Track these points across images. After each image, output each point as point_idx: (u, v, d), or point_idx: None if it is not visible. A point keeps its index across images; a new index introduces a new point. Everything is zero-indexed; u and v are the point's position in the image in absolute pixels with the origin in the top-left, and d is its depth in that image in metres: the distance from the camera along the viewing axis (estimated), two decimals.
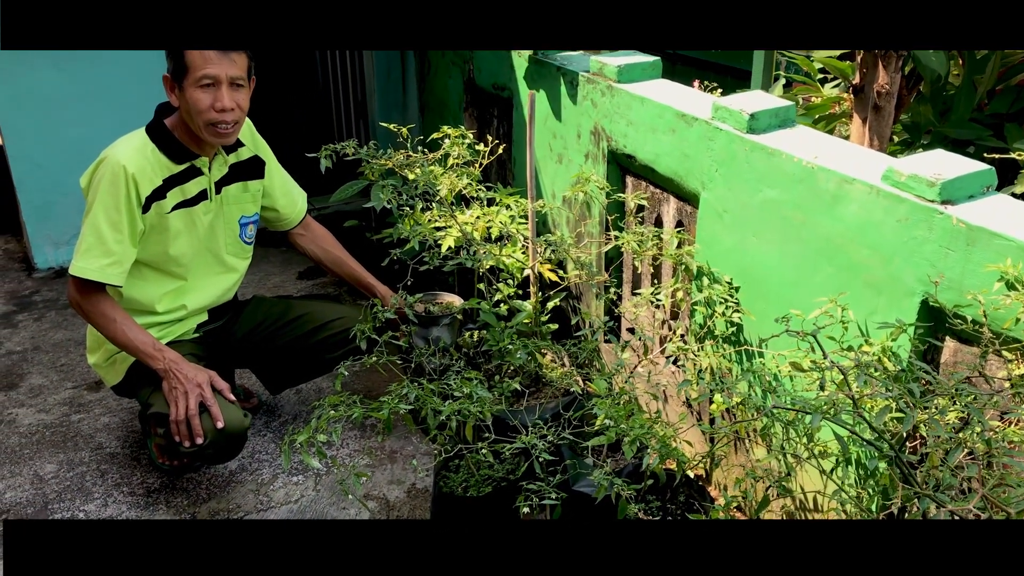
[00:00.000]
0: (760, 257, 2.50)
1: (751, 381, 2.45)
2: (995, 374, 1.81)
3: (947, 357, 2.07)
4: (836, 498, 1.99)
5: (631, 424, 2.13)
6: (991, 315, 1.83)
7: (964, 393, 1.43)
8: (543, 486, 2.14)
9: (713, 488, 2.90)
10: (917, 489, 1.45)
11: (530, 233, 2.83)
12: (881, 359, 1.72)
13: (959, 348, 2.05)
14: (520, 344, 2.57)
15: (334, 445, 3.13)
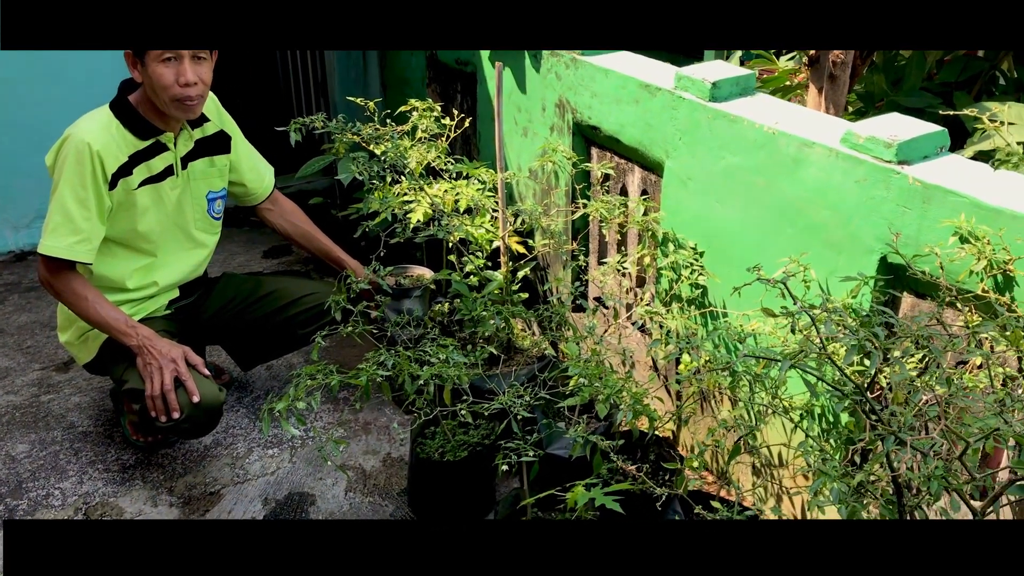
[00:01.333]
0: (724, 222, 2.58)
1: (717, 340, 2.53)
2: (951, 324, 1.90)
3: (905, 311, 2.17)
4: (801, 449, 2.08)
5: (604, 383, 2.20)
6: (947, 267, 1.92)
7: (924, 336, 1.51)
8: (520, 444, 2.19)
9: (681, 449, 2.98)
10: (880, 430, 1.53)
11: (500, 203, 2.87)
12: (844, 311, 1.80)
13: (916, 303, 2.14)
14: (494, 310, 2.63)
15: (309, 417, 3.17)
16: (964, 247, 1.88)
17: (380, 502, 2.84)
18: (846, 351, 1.47)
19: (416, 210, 2.94)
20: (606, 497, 2.05)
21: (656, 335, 2.79)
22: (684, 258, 2.63)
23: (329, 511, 2.80)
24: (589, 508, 2.34)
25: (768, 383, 2.17)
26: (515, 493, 2.47)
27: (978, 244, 1.86)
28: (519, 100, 3.36)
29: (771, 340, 2.31)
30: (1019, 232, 1.84)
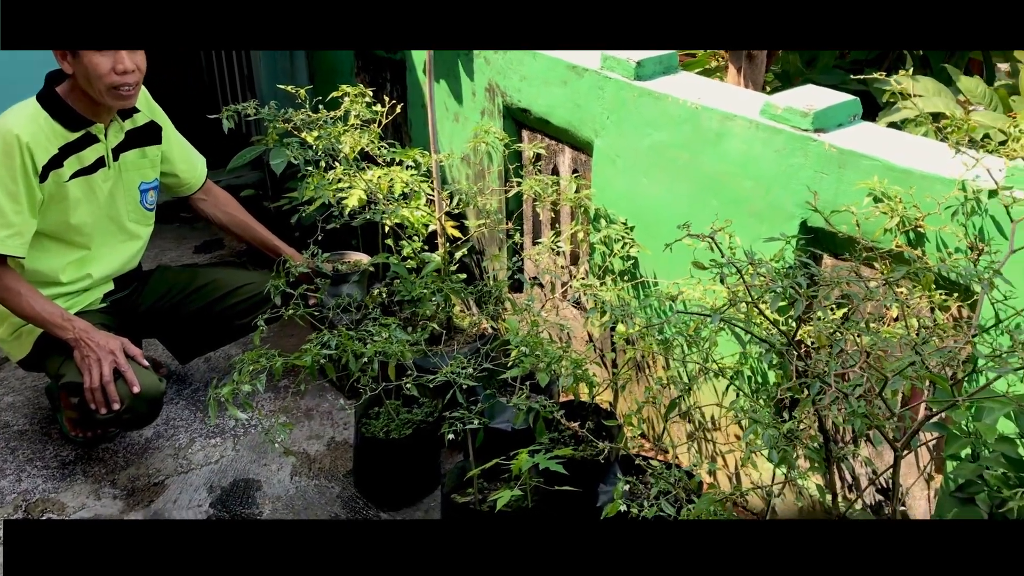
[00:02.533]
0: (652, 196, 2.67)
1: (649, 310, 2.62)
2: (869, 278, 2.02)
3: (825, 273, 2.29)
4: (733, 408, 2.18)
5: (543, 352, 2.27)
6: (862, 225, 2.04)
7: (843, 283, 1.61)
8: (464, 414, 2.25)
9: (620, 418, 3.08)
10: (807, 378, 1.64)
11: (435, 185, 2.92)
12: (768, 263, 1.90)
13: (835, 264, 2.27)
14: (435, 287, 2.68)
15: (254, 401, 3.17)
16: (877, 206, 2.00)
17: (326, 484, 2.87)
18: (771, 298, 1.56)
19: (351, 196, 2.97)
20: (549, 461, 2.13)
21: (594, 319, 2.88)
22: (615, 232, 2.72)
23: (275, 495, 2.82)
24: (533, 475, 2.41)
25: (700, 344, 2.27)
26: (461, 465, 2.53)
27: (890, 203, 1.98)
28: (449, 86, 3.41)
29: (700, 305, 2.41)
30: (928, 190, 1.96)
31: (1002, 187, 1.82)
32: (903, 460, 2.25)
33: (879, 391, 1.56)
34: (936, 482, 2.24)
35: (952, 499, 1.93)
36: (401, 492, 2.80)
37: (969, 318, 1.92)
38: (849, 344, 1.77)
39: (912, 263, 1.78)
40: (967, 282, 1.79)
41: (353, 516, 2.74)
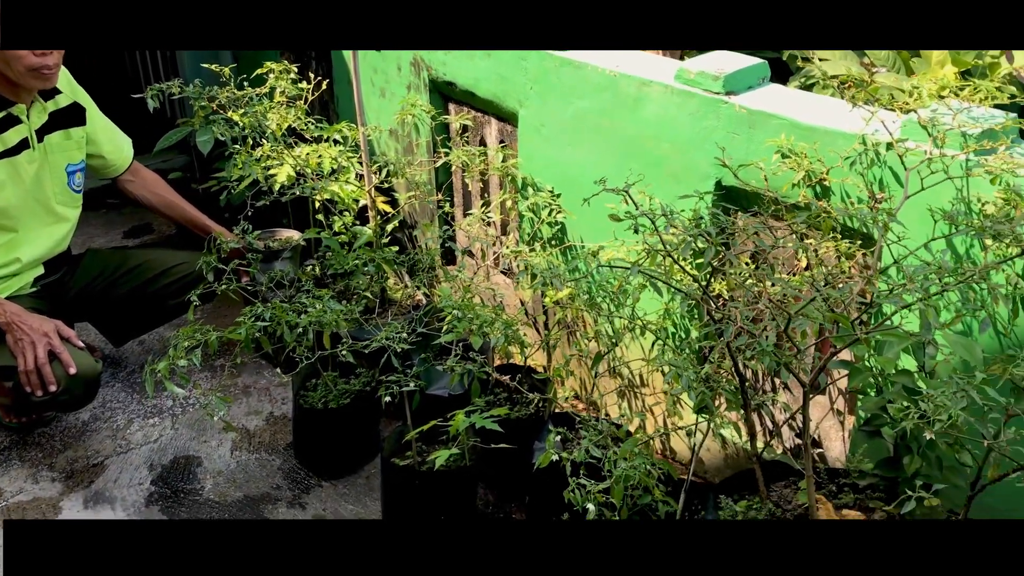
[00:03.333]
0: (576, 163, 2.75)
1: (577, 272, 2.71)
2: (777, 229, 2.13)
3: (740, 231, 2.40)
4: (659, 361, 2.28)
5: (475, 315, 2.34)
6: (771, 180, 2.15)
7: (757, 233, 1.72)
8: (401, 377, 2.31)
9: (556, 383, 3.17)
10: (721, 322, 1.74)
11: (364, 159, 2.96)
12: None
13: (749, 222, 2.38)
14: (366, 257, 2.73)
15: (188, 384, 3.19)
16: (785, 162, 2.11)
17: (267, 457, 2.91)
18: (684, 247, 1.65)
19: (279, 172, 2.99)
20: (485, 420, 2.20)
21: (524, 281, 2.95)
22: (542, 200, 2.80)
23: (216, 470, 2.85)
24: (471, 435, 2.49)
25: (624, 299, 2.36)
26: (399, 430, 2.59)
27: (796, 159, 2.09)
28: (375, 61, 3.44)
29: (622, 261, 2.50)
30: (831, 145, 2.08)
31: (897, 140, 1.94)
32: (821, 405, 2.39)
33: (783, 328, 1.66)
34: (850, 423, 2.38)
35: (861, 433, 2.07)
36: (341, 460, 2.85)
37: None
38: (760, 291, 1.87)
39: (813, 211, 1.88)
40: (862, 224, 1.91)
41: (294, 486, 2.79)
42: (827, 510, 2.06)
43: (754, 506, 2.11)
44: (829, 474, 2.19)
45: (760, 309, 1.83)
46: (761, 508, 2.08)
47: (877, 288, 1.79)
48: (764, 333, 1.74)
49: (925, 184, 1.83)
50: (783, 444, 2.55)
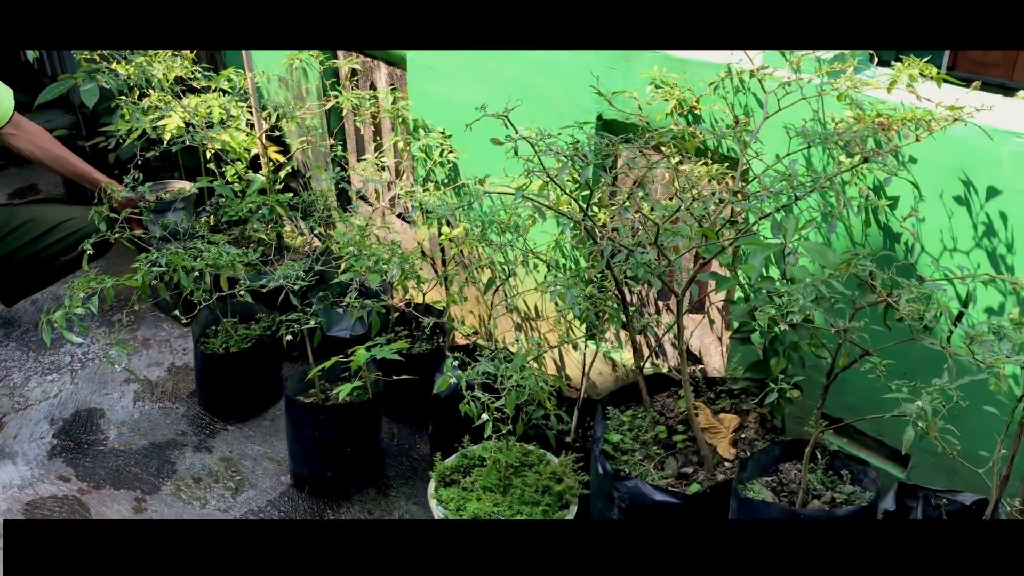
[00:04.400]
0: (465, 104, 2.82)
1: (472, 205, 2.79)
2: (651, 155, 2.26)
3: (621, 163, 2.53)
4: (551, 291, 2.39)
5: (372, 252, 2.40)
6: (646, 110, 2.27)
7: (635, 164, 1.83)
8: (301, 316, 2.37)
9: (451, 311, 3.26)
10: (602, 242, 1.85)
11: (253, 106, 2.97)
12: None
13: (629, 155, 2.50)
14: (260, 202, 2.75)
15: (87, 341, 3.17)
16: (658, 92, 2.23)
17: (171, 405, 2.93)
18: (561, 166, 1.76)
19: (169, 123, 2.98)
20: (386, 351, 2.29)
21: (418, 218, 3.03)
22: (434, 141, 2.87)
23: (119, 420, 2.86)
24: (373, 369, 2.57)
25: (514, 231, 2.46)
26: (302, 369, 2.64)
27: (668, 88, 2.22)
28: None
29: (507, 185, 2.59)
30: (700, 75, 2.20)
31: (759, 67, 2.07)
32: (702, 325, 2.55)
33: (654, 240, 1.79)
34: (728, 339, 2.54)
35: (734, 342, 2.23)
36: (246, 403, 2.90)
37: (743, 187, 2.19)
38: (636, 213, 2.00)
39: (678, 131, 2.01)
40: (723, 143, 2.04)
41: (200, 431, 2.83)
42: (705, 415, 2.22)
43: (639, 415, 2.26)
44: (708, 383, 2.35)
45: (638, 230, 1.96)
46: (645, 416, 2.23)
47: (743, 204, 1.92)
48: (639, 250, 1.87)
49: (782, 105, 1.97)
50: (668, 363, 2.71)
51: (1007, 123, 1.82)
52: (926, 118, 1.71)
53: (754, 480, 1.97)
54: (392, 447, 2.80)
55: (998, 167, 1.84)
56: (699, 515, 2.02)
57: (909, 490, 1.84)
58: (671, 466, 2.14)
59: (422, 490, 2.59)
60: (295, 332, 2.38)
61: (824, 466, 1.99)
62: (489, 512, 2.18)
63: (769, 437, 2.15)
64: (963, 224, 1.92)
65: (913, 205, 1.94)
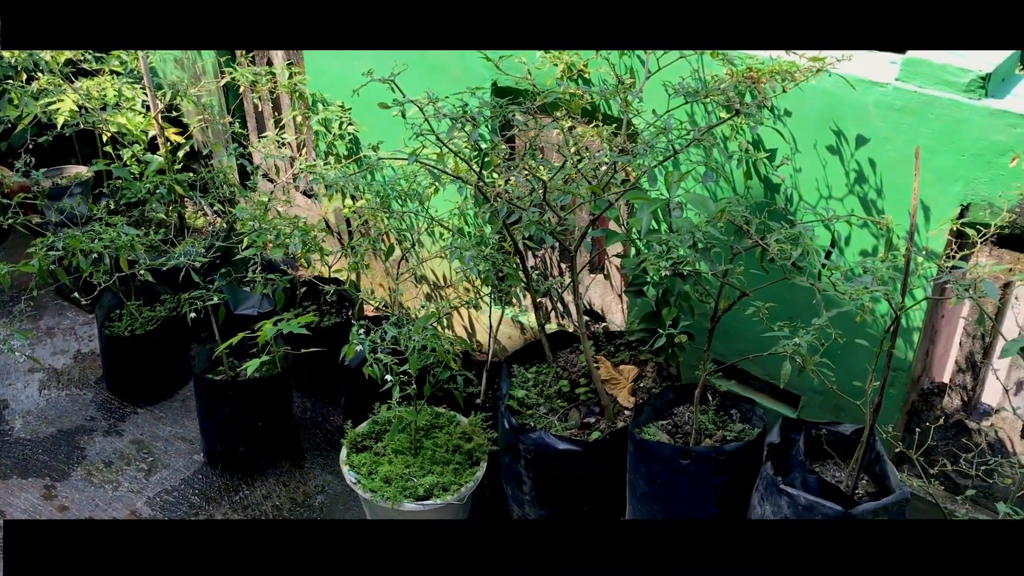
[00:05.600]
0: (363, 78, 2.84)
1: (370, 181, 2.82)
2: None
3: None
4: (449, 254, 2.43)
5: (272, 224, 2.41)
6: (535, 75, 2.32)
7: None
8: (204, 292, 2.37)
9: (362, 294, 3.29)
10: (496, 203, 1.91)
11: (147, 86, 2.93)
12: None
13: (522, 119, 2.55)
14: (158, 181, 2.73)
15: None
16: (547, 56, 2.29)
17: (78, 392, 2.89)
18: (449, 127, 1.80)
19: (61, 107, 2.92)
20: (292, 324, 2.30)
21: (320, 192, 3.03)
22: (333, 114, 2.88)
23: (26, 410, 2.81)
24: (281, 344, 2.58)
25: (414, 198, 2.50)
26: (209, 348, 2.64)
27: (557, 53, 2.27)
28: None
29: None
30: None
31: None
32: (602, 283, 2.63)
33: (543, 198, 1.85)
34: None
35: (629, 295, 2.31)
36: (155, 385, 2.88)
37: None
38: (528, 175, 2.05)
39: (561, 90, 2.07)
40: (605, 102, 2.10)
41: (109, 416, 2.80)
42: (606, 367, 2.30)
43: (543, 371, 2.33)
44: (608, 337, 2.44)
45: (532, 191, 2.02)
46: (549, 372, 2.30)
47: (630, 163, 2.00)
48: (532, 209, 1.93)
49: (662, 64, 2.05)
50: (573, 322, 2.79)
51: (870, 73, 1.93)
52: (791, 69, 1.80)
53: (650, 424, 2.06)
54: (306, 420, 2.82)
55: (865, 116, 1.95)
56: (601, 461, 2.10)
57: (793, 424, 1.95)
58: (574, 417, 2.21)
59: (336, 460, 2.61)
60: (198, 310, 2.38)
61: (715, 407, 2.10)
62: (401, 473, 2.23)
63: (666, 384, 2.24)
64: (836, 172, 2.03)
65: (788, 156, 2.04)
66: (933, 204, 1.92)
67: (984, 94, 1.82)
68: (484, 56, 2.19)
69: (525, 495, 2.22)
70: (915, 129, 1.89)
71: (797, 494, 1.72)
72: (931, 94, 1.85)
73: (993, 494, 2.04)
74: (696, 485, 1.95)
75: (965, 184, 1.87)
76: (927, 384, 2.18)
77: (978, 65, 1.84)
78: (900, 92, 1.88)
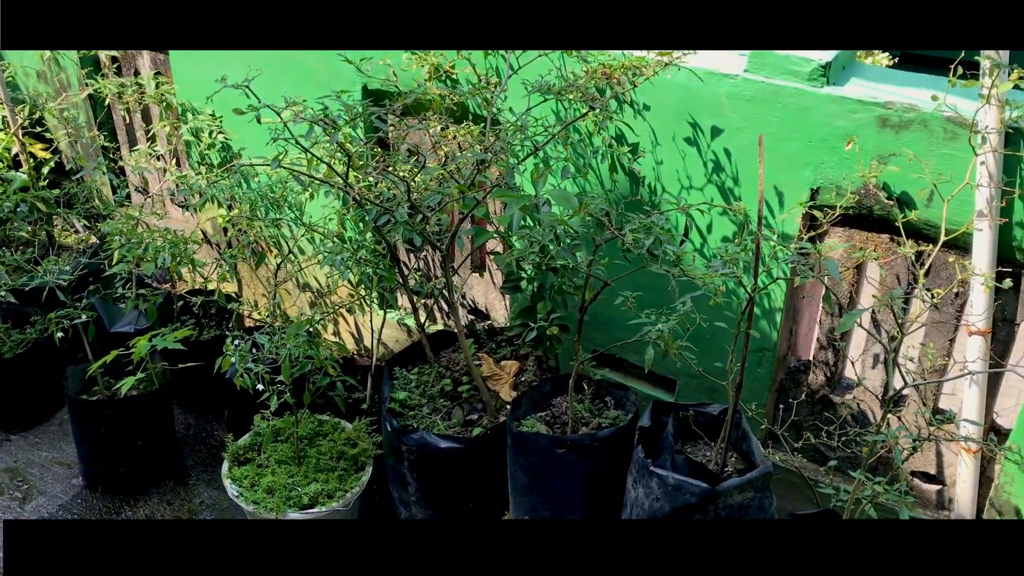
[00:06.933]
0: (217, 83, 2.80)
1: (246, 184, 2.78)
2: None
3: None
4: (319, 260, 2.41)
5: (142, 238, 2.36)
6: (400, 76, 2.33)
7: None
8: (72, 311, 2.30)
9: (245, 305, 3.24)
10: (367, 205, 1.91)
11: (3, 97, 2.83)
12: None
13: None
14: (20, 198, 2.63)
15: None
16: (414, 58, 2.30)
17: None
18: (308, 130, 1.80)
19: None
20: (168, 339, 2.25)
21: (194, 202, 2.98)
22: (203, 123, 2.83)
23: None
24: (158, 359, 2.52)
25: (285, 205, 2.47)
26: (82, 367, 2.56)
27: (423, 56, 2.28)
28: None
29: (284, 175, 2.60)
30: None
31: None
32: (484, 282, 2.65)
33: (407, 199, 1.87)
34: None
35: (507, 291, 2.34)
36: (28, 410, 2.78)
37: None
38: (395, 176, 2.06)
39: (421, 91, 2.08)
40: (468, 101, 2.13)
41: None
42: (488, 364, 2.33)
43: (425, 372, 2.34)
44: (489, 334, 2.46)
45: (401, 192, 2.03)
46: (431, 372, 2.31)
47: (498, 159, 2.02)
48: (399, 210, 1.94)
49: (522, 63, 2.08)
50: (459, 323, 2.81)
51: (720, 66, 2.01)
52: (640, 64, 1.85)
53: (529, 416, 2.09)
54: (189, 436, 2.77)
55: (719, 108, 2.02)
56: (484, 457, 2.12)
57: (664, 408, 2.01)
58: (457, 415, 2.23)
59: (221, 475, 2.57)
60: (65, 329, 2.31)
61: (591, 396, 2.14)
62: (284, 483, 2.21)
63: (546, 377, 2.28)
64: (695, 162, 2.10)
65: (649, 149, 2.10)
66: (786, 189, 2.00)
67: (826, 82, 1.92)
68: (345, 59, 2.18)
69: (411, 496, 2.22)
70: (765, 118, 1.97)
71: (666, 475, 1.77)
72: (778, 84, 1.94)
73: (857, 463, 2.14)
74: (573, 473, 1.99)
75: (814, 169, 1.96)
76: (793, 362, 2.27)
77: (819, 54, 1.94)
78: (749, 83, 1.96)
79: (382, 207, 1.92)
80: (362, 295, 2.67)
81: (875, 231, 1.98)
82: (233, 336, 2.18)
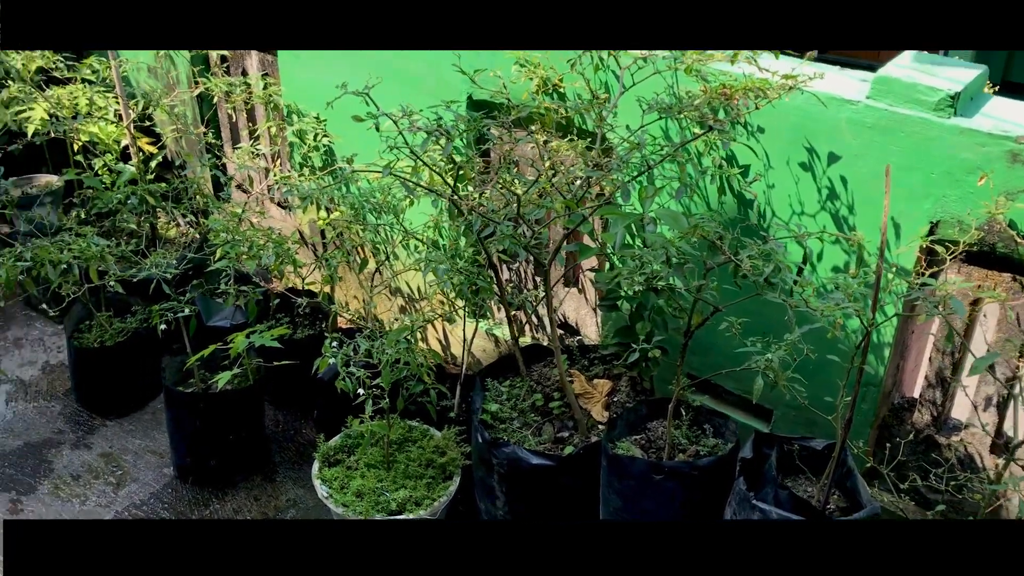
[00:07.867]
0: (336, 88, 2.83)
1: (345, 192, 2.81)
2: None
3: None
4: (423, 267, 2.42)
5: (246, 236, 2.39)
6: (511, 89, 2.33)
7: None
8: (175, 304, 2.35)
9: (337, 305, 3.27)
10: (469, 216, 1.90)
11: (119, 95, 2.91)
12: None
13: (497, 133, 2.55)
14: (129, 190, 2.70)
15: None
16: (523, 70, 2.29)
17: (46, 404, 2.86)
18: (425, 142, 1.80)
19: (32, 116, 2.89)
20: (265, 337, 2.28)
21: (295, 203, 3.02)
22: (308, 126, 2.87)
23: None
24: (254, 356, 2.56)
25: (388, 210, 2.49)
26: (180, 360, 2.61)
27: (532, 67, 2.28)
28: None
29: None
30: (563, 54, 2.27)
31: None
32: (576, 297, 2.63)
33: (516, 213, 1.85)
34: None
35: (604, 309, 2.31)
36: (125, 397, 2.85)
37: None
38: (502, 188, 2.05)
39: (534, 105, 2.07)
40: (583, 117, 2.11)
41: (78, 428, 2.77)
42: (580, 381, 2.30)
43: (516, 385, 2.33)
44: (582, 351, 2.43)
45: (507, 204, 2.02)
46: (522, 385, 2.30)
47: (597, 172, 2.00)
48: (506, 223, 1.93)
49: (636, 80, 2.06)
50: (548, 336, 2.79)
51: (841, 91, 1.95)
52: (764, 87, 1.81)
53: (624, 438, 2.06)
54: (278, 433, 2.80)
55: (837, 134, 1.97)
56: (574, 475, 2.10)
57: (766, 439, 1.96)
58: (548, 431, 2.21)
59: (308, 474, 2.59)
60: (169, 321, 2.35)
61: (689, 422, 2.10)
62: (373, 487, 2.22)
63: (639, 399, 2.24)
64: (809, 188, 2.04)
65: (761, 172, 2.05)
66: (903, 221, 1.93)
67: (953, 113, 1.85)
68: (459, 69, 2.19)
69: (498, 509, 2.21)
70: (886, 147, 1.91)
71: (768, 509, 1.72)
72: (902, 112, 1.87)
73: (963, 509, 2.06)
74: (669, 500, 1.95)
75: (935, 201, 1.89)
76: (897, 399, 2.19)
77: (947, 84, 1.87)
78: (871, 110, 1.90)
79: (489, 219, 1.91)
80: (455, 304, 2.67)
81: (996, 269, 1.90)
82: (332, 338, 2.20)
